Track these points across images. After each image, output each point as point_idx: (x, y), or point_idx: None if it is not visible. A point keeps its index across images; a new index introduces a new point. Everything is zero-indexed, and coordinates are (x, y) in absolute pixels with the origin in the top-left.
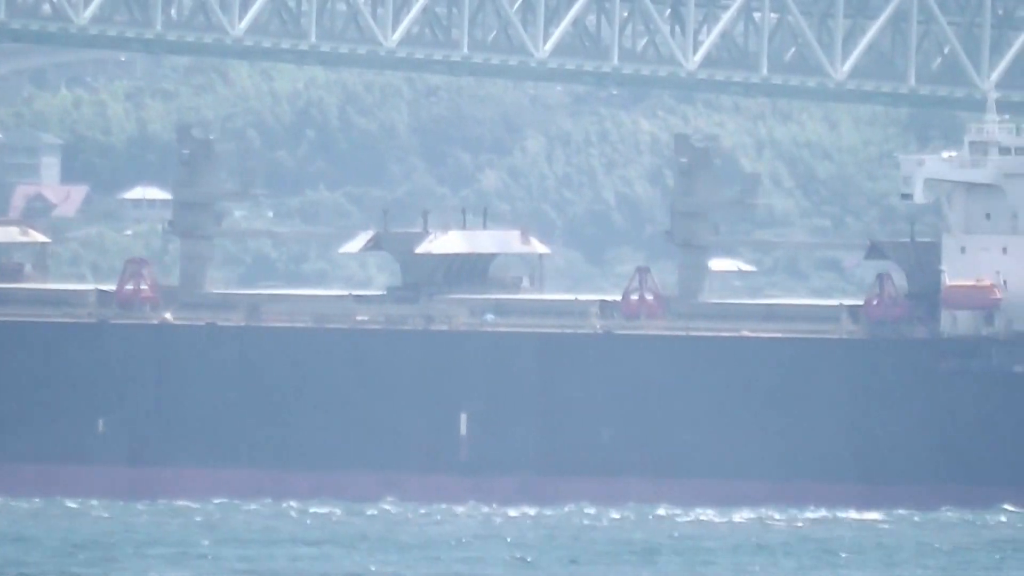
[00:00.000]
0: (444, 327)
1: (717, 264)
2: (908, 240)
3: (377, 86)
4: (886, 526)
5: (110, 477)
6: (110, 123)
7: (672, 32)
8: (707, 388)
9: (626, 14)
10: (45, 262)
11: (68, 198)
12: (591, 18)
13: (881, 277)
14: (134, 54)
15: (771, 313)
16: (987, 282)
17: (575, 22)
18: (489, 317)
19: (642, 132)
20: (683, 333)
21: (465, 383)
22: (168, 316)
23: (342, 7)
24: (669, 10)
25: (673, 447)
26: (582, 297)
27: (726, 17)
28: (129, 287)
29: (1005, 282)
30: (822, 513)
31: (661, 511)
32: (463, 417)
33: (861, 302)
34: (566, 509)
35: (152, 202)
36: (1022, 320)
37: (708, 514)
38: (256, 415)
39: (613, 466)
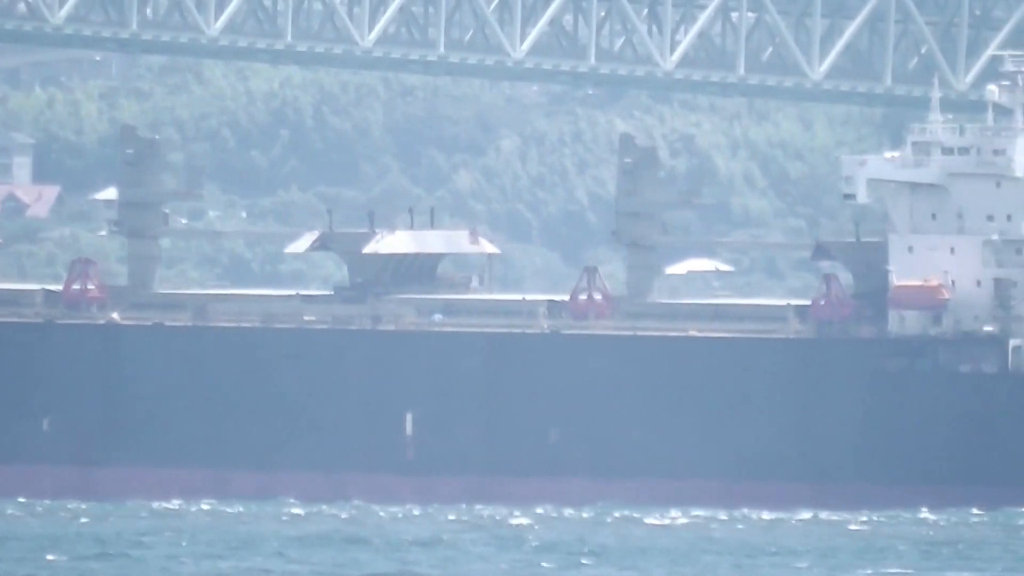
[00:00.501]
0: (391, 327)
1: (695, 264)
2: (854, 240)
3: (352, 86)
4: (833, 526)
5: (56, 477)
6: (83, 123)
7: (649, 32)
8: (655, 388)
9: (603, 14)
10: None
11: (40, 198)
12: (568, 18)
13: (828, 277)
14: (109, 54)
15: (719, 313)
16: (935, 282)
17: (552, 22)
18: (437, 317)
19: (617, 132)
20: (630, 333)
21: (412, 383)
22: (115, 316)
23: (318, 7)
24: (646, 10)
25: (621, 447)
26: (530, 297)
27: (703, 17)
28: (76, 287)
29: (953, 282)
30: (768, 513)
31: (608, 511)
32: (409, 417)
33: (808, 302)
34: (511, 509)
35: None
36: (969, 320)
37: (654, 514)
38: (203, 415)
39: (560, 466)
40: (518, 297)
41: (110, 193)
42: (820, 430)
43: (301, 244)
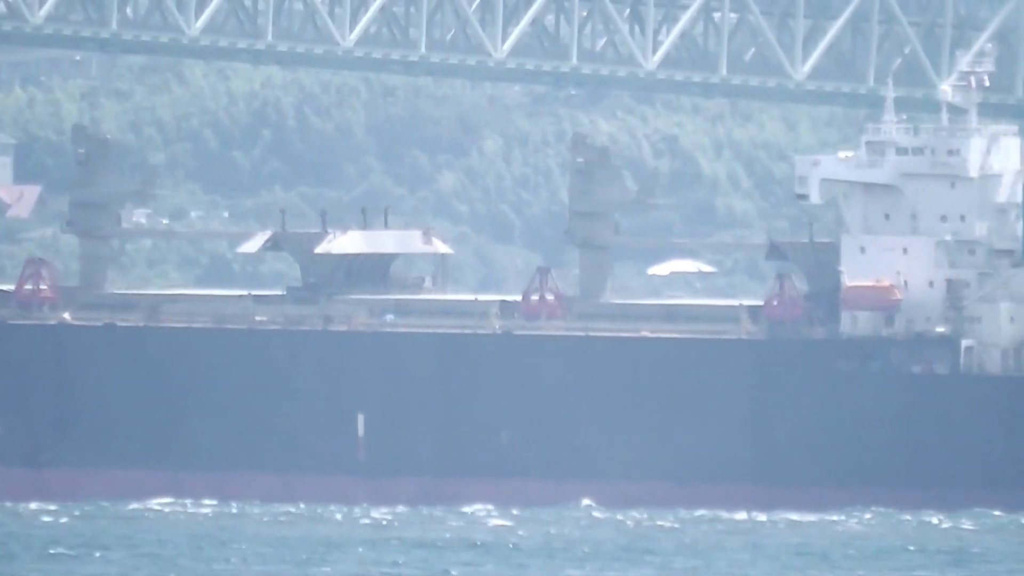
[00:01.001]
0: (343, 327)
1: (677, 265)
2: (807, 241)
3: (334, 86)
4: (784, 527)
5: (7, 478)
6: (64, 123)
7: (631, 32)
8: (607, 389)
9: (585, 14)
10: None
11: (21, 198)
12: (550, 18)
13: (781, 278)
14: (89, 53)
15: (671, 313)
16: (887, 283)
17: (534, 22)
18: (389, 317)
19: (600, 132)
20: (582, 334)
21: (363, 384)
22: (67, 316)
23: (299, 6)
24: (628, 10)
25: (573, 448)
26: (482, 297)
27: (686, 17)
28: (28, 287)
29: (905, 283)
30: (719, 514)
31: (559, 512)
32: (361, 418)
33: (761, 303)
34: (462, 510)
35: None
36: (922, 321)
37: (605, 515)
38: (155, 415)
39: (512, 467)
40: (470, 297)
41: None
42: (772, 431)
43: (253, 244)
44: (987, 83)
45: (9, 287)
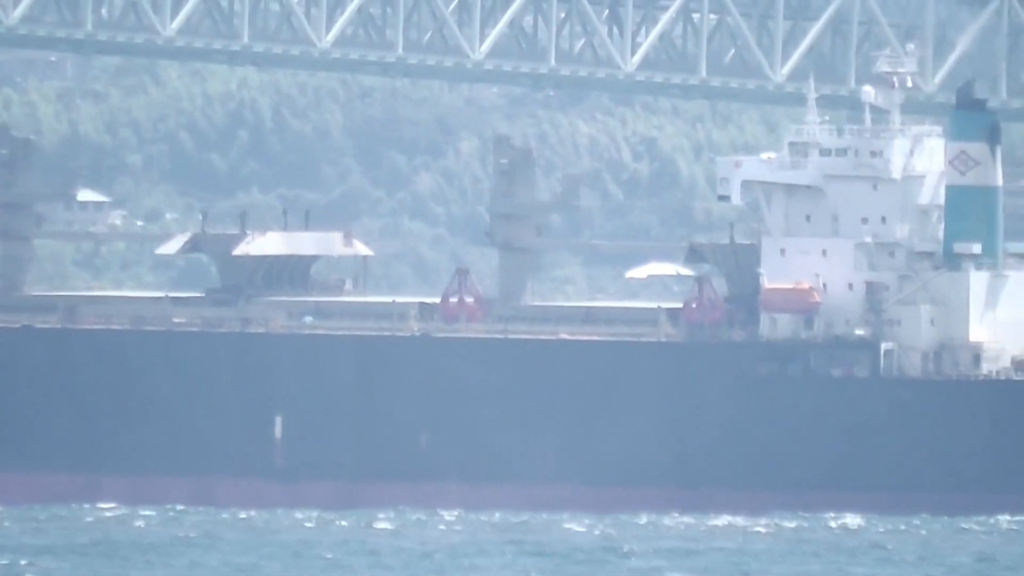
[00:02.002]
0: (261, 329)
1: (655, 268)
2: (728, 243)
3: (311, 87)
4: (703, 531)
5: None
6: (40, 124)
7: (610, 33)
8: (525, 391)
9: (563, 15)
10: None
11: None
12: (528, 19)
13: (700, 280)
14: (64, 54)
15: (590, 316)
16: (806, 285)
17: (511, 23)
18: (308, 319)
19: (580, 135)
20: (501, 336)
21: (281, 386)
22: None
23: (275, 7)
24: (607, 11)
25: (491, 451)
26: (400, 299)
27: (664, 19)
28: None
29: (824, 285)
30: (639, 518)
31: (477, 516)
32: (278, 420)
33: (680, 305)
34: (376, 514)
35: (84, 204)
36: (841, 324)
37: (521, 518)
38: (71, 418)
39: (430, 471)
40: (388, 300)
41: None
42: (690, 435)
43: (172, 246)
44: (909, 84)
45: None
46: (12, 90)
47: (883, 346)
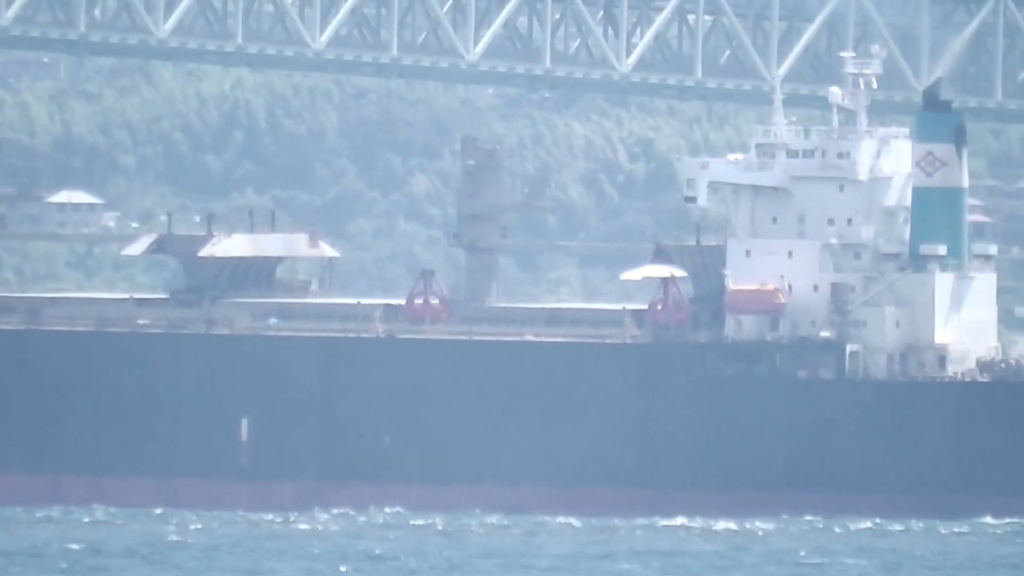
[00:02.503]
0: (226, 331)
1: (651, 271)
2: (694, 244)
3: (305, 88)
4: (668, 532)
5: None
6: (33, 125)
7: (605, 34)
8: (490, 393)
9: (558, 16)
10: None
11: None
12: (523, 20)
13: (666, 281)
14: (57, 55)
15: (555, 317)
16: (771, 286)
17: (506, 24)
18: (272, 321)
19: (575, 136)
20: (465, 338)
21: (247, 388)
22: None
23: (269, 8)
24: (602, 12)
25: (455, 453)
26: (366, 301)
27: (660, 19)
28: None
29: (790, 286)
30: (605, 519)
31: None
32: (244, 422)
33: (646, 306)
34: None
35: (78, 206)
36: (807, 325)
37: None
38: (35, 420)
39: (394, 472)
40: (353, 301)
41: (63, 196)
42: (655, 436)
43: (137, 247)
44: (875, 85)
45: None
46: (5, 91)
47: (848, 347)
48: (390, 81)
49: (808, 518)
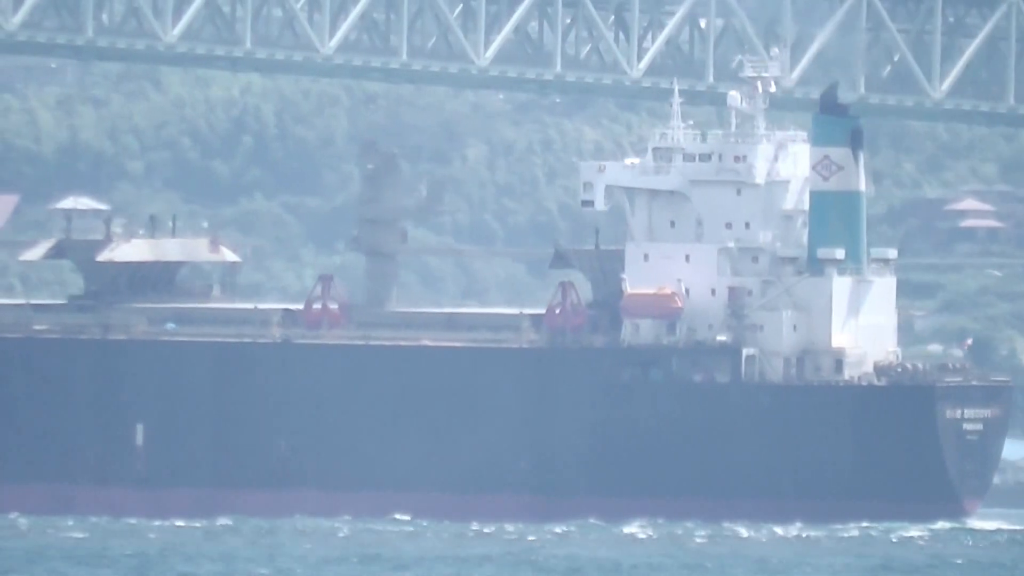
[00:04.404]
0: (122, 336)
1: None
2: (593, 248)
3: (314, 93)
4: (566, 538)
5: None
6: (40, 131)
7: (616, 39)
8: (386, 398)
9: (569, 20)
10: None
11: None
12: (533, 25)
13: (563, 285)
14: (64, 61)
15: (452, 322)
16: (668, 290)
17: (517, 29)
18: (170, 326)
19: (586, 140)
20: (362, 342)
21: (142, 393)
22: None
23: (278, 13)
24: (613, 16)
25: (352, 459)
26: (263, 305)
27: (671, 24)
28: None
29: (687, 290)
30: (502, 526)
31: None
32: (140, 428)
33: (543, 311)
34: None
35: (84, 212)
36: (703, 329)
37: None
38: None
39: (290, 478)
40: (251, 306)
41: (69, 202)
42: (552, 441)
43: (36, 251)
44: (773, 88)
45: None
46: (12, 96)
47: (745, 352)
48: (399, 86)
49: (701, 523)
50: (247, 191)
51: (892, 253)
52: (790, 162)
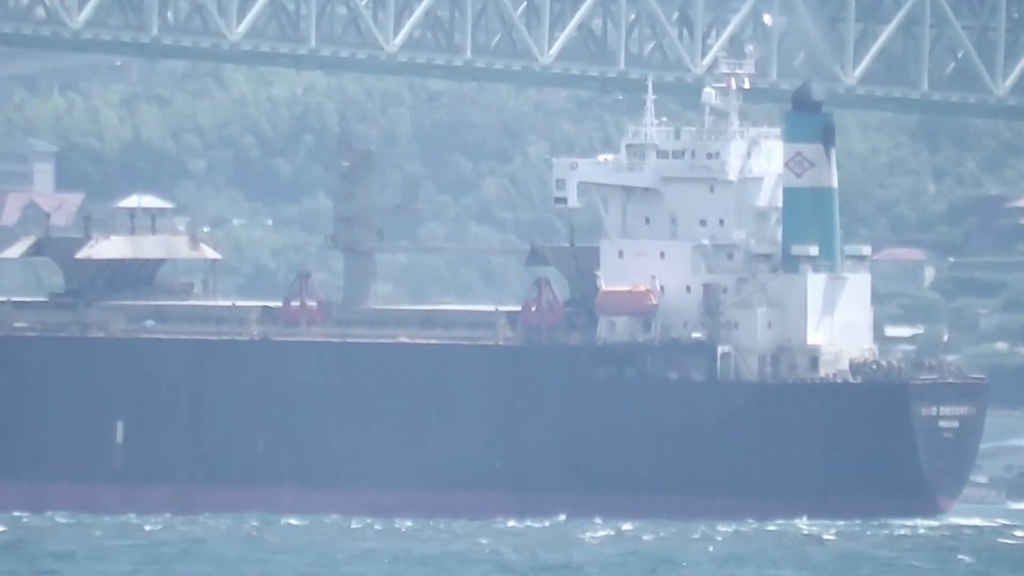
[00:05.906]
0: (100, 334)
1: None
2: (568, 245)
3: (377, 92)
4: (541, 535)
5: None
6: (104, 129)
7: (680, 36)
8: (364, 396)
9: (633, 17)
10: None
11: (62, 206)
12: (597, 22)
13: (539, 282)
14: (129, 59)
15: (429, 319)
16: (642, 288)
17: (580, 26)
18: (149, 324)
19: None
20: (339, 340)
21: (121, 391)
22: None
23: (342, 11)
24: (677, 13)
25: (329, 456)
26: (241, 303)
27: (735, 21)
28: None
29: (662, 288)
30: (477, 523)
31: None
32: (120, 426)
33: (519, 308)
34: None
35: (147, 210)
36: (678, 327)
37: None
38: None
39: (267, 475)
40: (229, 303)
41: (132, 201)
42: (527, 439)
43: (16, 250)
44: (747, 85)
45: None
46: (77, 95)
47: (720, 349)
48: (462, 84)
49: (676, 520)
50: (309, 190)
51: (866, 250)
52: (763, 159)
